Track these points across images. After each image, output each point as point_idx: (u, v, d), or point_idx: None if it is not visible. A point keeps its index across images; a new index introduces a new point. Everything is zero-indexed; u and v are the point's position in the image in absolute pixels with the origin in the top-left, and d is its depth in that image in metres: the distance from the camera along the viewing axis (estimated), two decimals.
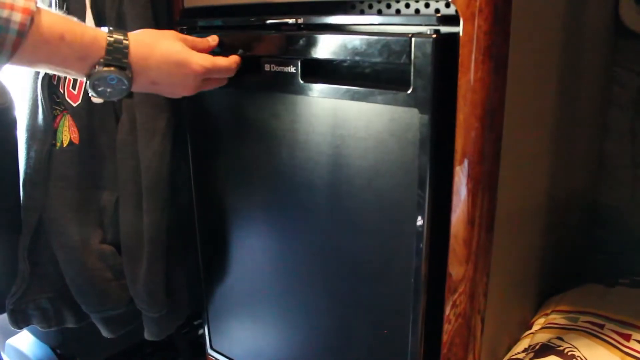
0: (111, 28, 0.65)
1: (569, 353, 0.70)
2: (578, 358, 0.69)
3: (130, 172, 0.86)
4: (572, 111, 0.81)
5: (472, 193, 0.61)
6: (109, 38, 0.63)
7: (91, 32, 0.63)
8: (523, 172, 0.71)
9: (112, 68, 0.63)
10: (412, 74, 0.59)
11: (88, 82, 0.64)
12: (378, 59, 0.63)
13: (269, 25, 0.73)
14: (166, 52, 0.67)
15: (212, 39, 0.75)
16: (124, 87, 0.65)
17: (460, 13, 0.56)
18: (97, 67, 0.63)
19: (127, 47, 0.64)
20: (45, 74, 0.83)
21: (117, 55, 0.63)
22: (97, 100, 0.84)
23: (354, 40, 0.64)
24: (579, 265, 1.00)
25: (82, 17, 0.80)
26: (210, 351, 1.01)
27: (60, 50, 0.61)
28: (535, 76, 0.69)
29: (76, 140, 0.85)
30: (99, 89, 0.64)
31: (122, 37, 0.64)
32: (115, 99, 0.67)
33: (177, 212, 0.91)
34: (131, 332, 0.98)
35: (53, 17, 0.60)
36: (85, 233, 0.88)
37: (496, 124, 0.60)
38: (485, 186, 0.61)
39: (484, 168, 0.60)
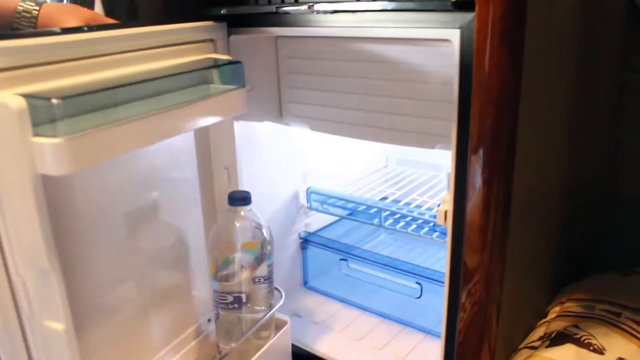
0: None
1: (586, 341, 0.69)
2: (595, 346, 0.69)
3: None
4: (587, 97, 0.81)
5: (488, 180, 0.61)
6: (19, 7, 0.68)
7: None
8: (538, 159, 0.71)
9: None
10: None
11: None
12: None
13: (282, 12, 0.72)
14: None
15: None
16: None
17: None
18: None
19: (35, 17, 0.68)
20: None
21: (24, 23, 0.68)
22: None
23: None
24: (594, 254, 1.00)
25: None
26: None
27: None
28: (551, 62, 0.68)
29: None
30: None
31: (32, 7, 0.68)
32: None
33: None
34: None
35: None
36: None
37: (512, 110, 0.59)
38: (501, 173, 0.61)
39: (500, 155, 0.60)
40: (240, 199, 0.77)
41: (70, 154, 0.50)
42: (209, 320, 0.85)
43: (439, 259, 1.05)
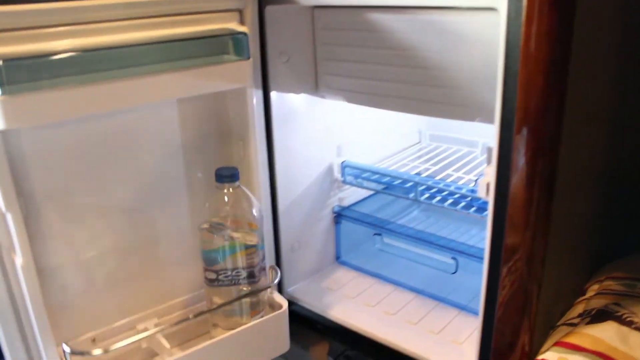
0: None
1: (628, 319, 0.68)
2: (637, 324, 0.67)
3: None
4: (631, 69, 0.78)
5: (533, 156, 0.59)
6: None
7: None
8: (583, 136, 0.69)
9: None
10: None
11: None
12: None
13: None
14: None
15: None
16: None
17: None
18: None
19: None
20: None
21: None
22: None
23: None
24: (633, 233, 0.97)
25: None
26: None
27: None
28: (599, 29, 0.65)
29: None
30: None
31: None
32: None
33: None
34: None
35: None
36: None
37: (561, 82, 0.57)
38: (546, 149, 0.59)
39: (547, 130, 0.58)
40: (228, 175, 0.76)
41: (8, 112, 0.55)
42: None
43: (472, 236, 1.04)
